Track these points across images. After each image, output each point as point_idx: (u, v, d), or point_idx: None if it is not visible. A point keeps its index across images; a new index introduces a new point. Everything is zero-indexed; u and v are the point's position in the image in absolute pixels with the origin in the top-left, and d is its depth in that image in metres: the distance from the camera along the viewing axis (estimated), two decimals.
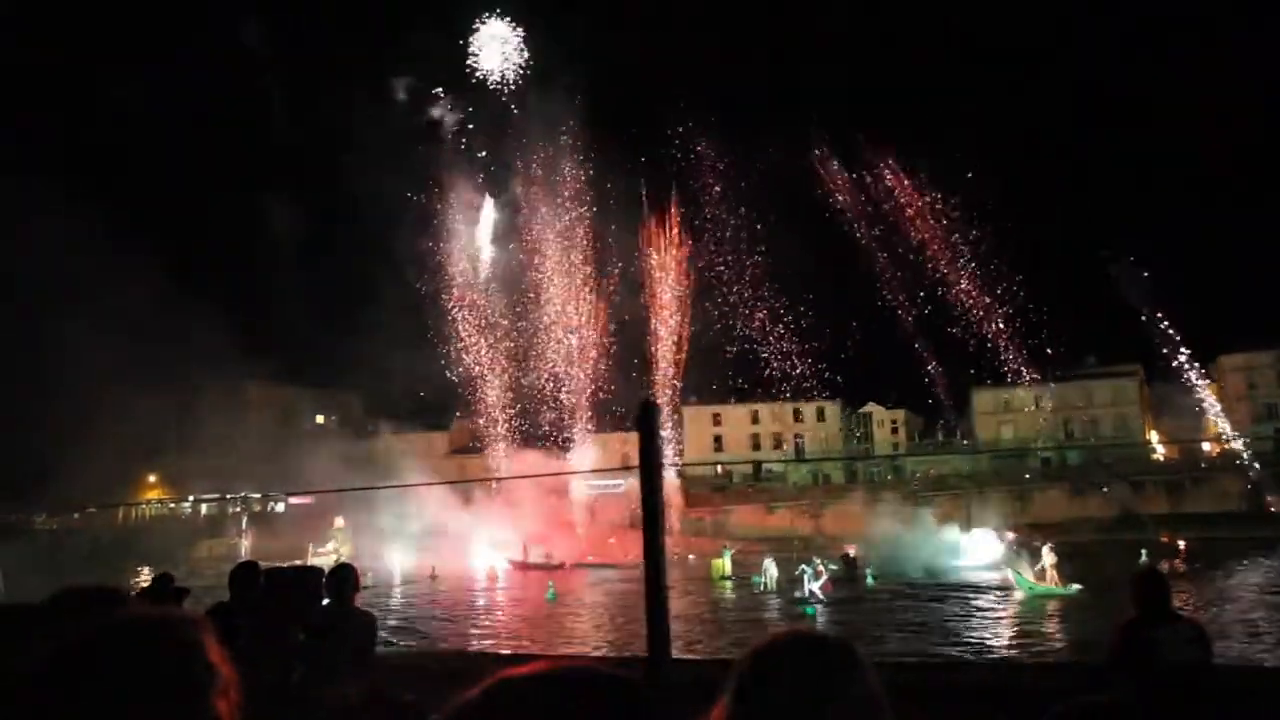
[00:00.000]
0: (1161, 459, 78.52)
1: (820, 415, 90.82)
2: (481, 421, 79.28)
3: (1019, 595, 32.32)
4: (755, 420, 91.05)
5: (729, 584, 40.61)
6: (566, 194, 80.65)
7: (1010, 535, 42.52)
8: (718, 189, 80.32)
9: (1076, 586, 31.25)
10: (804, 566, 33.64)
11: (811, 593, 32.12)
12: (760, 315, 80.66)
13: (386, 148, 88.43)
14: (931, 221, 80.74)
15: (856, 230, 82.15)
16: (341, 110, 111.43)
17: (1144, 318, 75.87)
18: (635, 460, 2.17)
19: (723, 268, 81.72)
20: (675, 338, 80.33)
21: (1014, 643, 24.62)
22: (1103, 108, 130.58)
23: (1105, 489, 69.01)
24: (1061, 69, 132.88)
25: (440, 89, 79.96)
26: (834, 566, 34.72)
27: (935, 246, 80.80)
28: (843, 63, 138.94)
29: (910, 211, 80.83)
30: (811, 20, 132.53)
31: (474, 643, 27.73)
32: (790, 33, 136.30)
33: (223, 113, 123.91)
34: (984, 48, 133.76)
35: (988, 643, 24.75)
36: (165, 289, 63.39)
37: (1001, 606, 30.91)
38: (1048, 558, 32.65)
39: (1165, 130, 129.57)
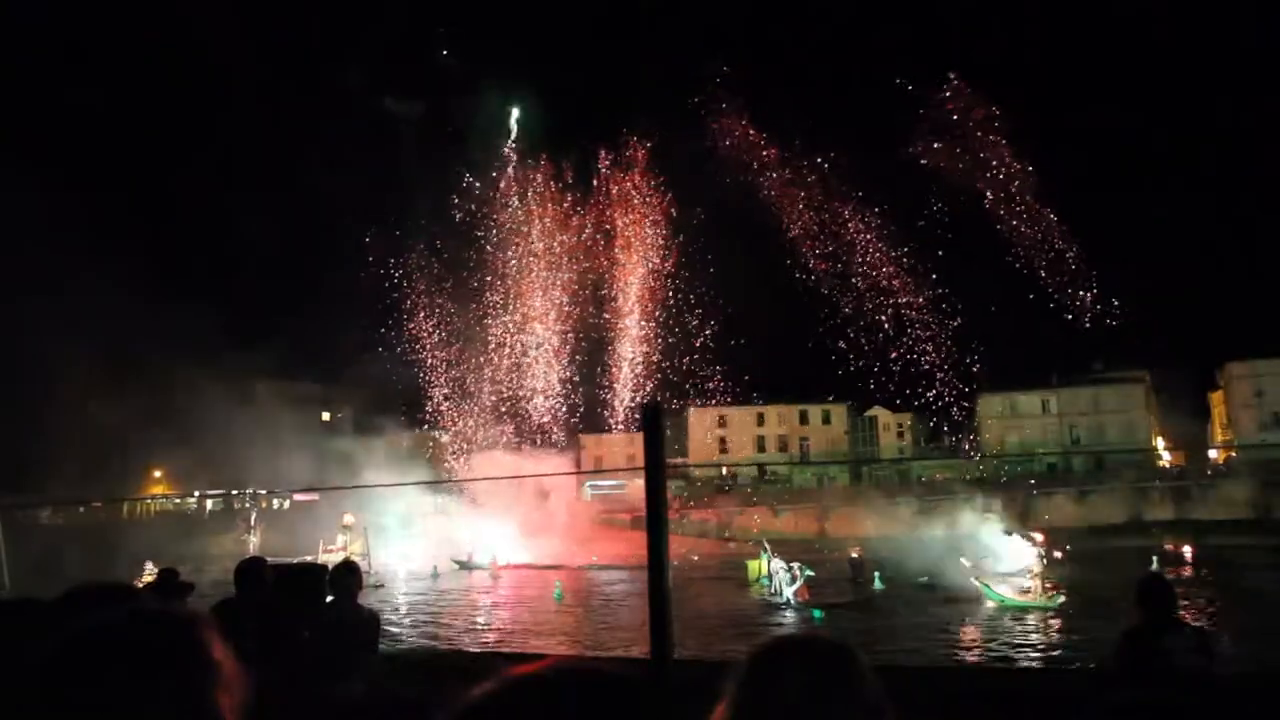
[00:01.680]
0: (1168, 465, 78.28)
1: (826, 418, 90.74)
2: (469, 424, 79.77)
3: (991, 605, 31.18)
4: (761, 422, 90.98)
5: (766, 586, 39.84)
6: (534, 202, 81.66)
7: (1038, 538, 41.90)
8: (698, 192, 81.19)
9: (1060, 599, 30.41)
10: (781, 570, 32.98)
11: (787, 600, 31.51)
12: (767, 319, 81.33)
13: (362, 149, 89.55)
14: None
15: (863, 237, 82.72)
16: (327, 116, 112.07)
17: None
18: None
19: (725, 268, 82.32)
20: (643, 345, 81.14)
21: (1019, 647, 24.56)
22: (1110, 107, 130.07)
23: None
24: (1063, 69, 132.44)
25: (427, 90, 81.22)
26: (811, 573, 34.05)
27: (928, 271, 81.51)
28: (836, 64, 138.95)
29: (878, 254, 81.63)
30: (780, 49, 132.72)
31: (477, 641, 27.76)
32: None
33: (217, 113, 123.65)
34: (985, 47, 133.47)
35: (991, 647, 24.69)
36: (162, 287, 63.82)
37: (1006, 611, 30.63)
38: (1036, 566, 31.66)
39: (1172, 131, 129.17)
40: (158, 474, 76.60)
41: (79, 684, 1.24)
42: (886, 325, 79.35)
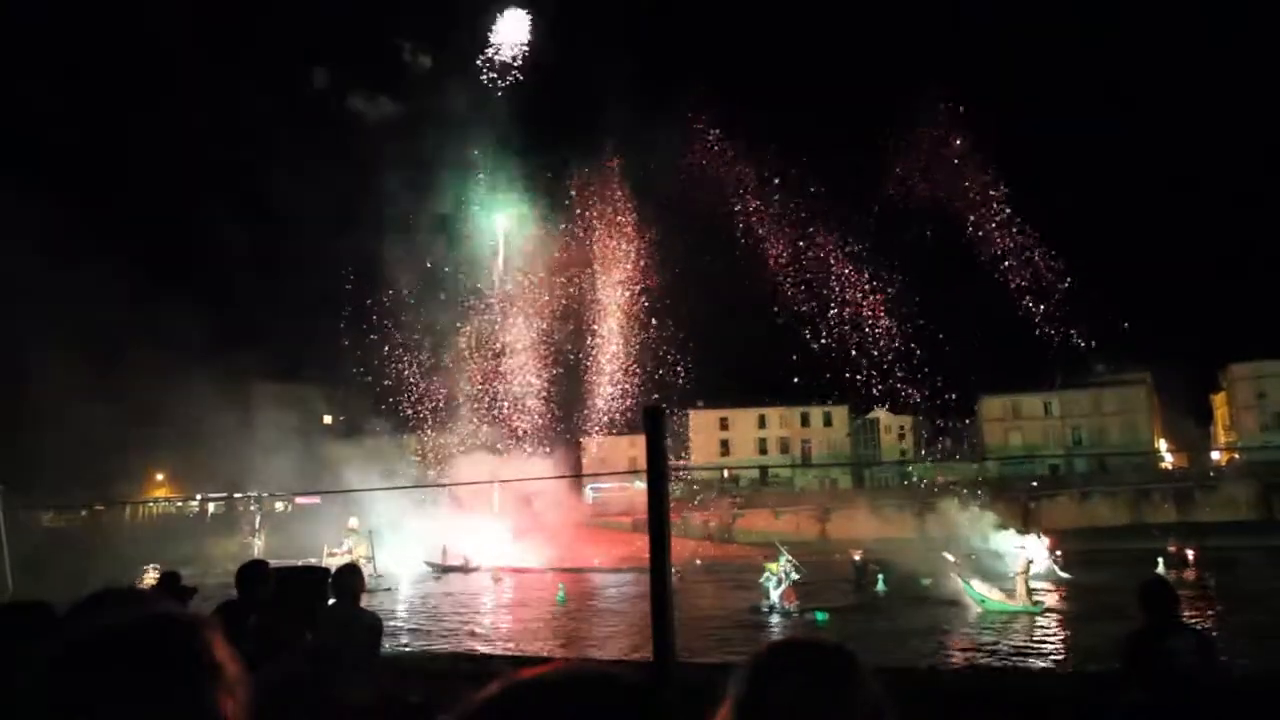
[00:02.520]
0: (1170, 467, 78.25)
1: (827, 420, 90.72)
2: (456, 427, 79.73)
3: (976, 609, 30.51)
4: (763, 424, 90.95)
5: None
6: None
7: (1047, 540, 41.61)
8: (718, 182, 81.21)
9: (1045, 603, 30.09)
10: (768, 573, 32.82)
11: (771, 606, 31.32)
12: (770, 319, 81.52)
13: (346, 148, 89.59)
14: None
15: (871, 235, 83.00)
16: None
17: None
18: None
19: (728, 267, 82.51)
20: (620, 356, 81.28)
21: (1021, 649, 24.53)
22: (1114, 106, 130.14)
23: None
24: (1059, 70, 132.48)
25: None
26: (795, 576, 33.89)
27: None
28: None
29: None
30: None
31: (480, 644, 27.76)
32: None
33: (220, 113, 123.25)
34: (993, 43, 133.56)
35: (993, 649, 24.66)
36: (158, 288, 63.81)
37: (991, 614, 30.27)
38: (1020, 574, 30.70)
39: (1174, 130, 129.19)
40: (160, 476, 76.74)
41: (83, 686, 1.24)
42: (865, 368, 79.88)
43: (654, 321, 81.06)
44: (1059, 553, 41.03)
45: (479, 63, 79.38)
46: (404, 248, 79.57)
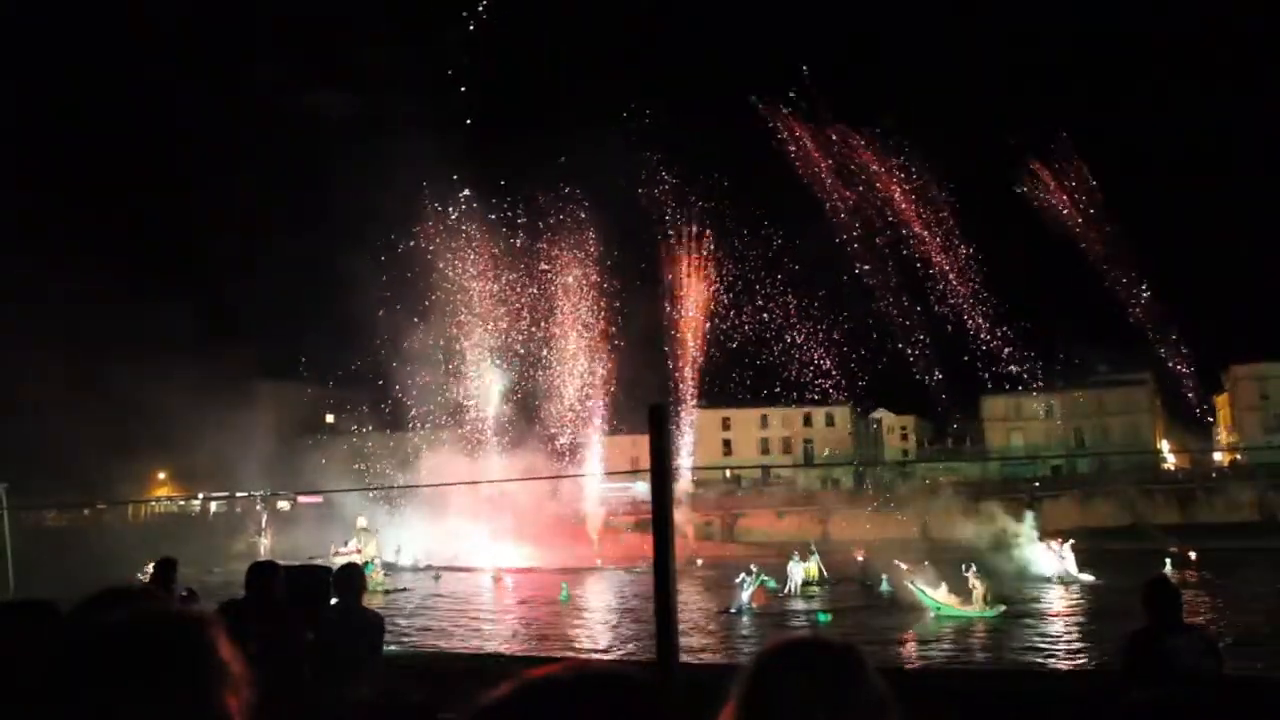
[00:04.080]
0: (1172, 468, 78.16)
1: (830, 420, 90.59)
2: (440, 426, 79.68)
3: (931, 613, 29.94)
4: (765, 424, 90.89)
5: (817, 589, 38.02)
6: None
7: (1055, 544, 41.37)
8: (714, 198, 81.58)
9: (1001, 608, 29.95)
10: (743, 575, 32.89)
11: (739, 608, 31.33)
12: (772, 319, 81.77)
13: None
14: (938, 228, 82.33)
15: (867, 236, 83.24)
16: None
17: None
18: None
19: (733, 273, 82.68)
20: (697, 343, 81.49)
21: (1024, 649, 24.54)
22: (1116, 106, 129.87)
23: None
24: (1065, 66, 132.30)
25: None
26: (766, 578, 33.85)
27: (944, 252, 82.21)
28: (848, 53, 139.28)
29: (917, 220, 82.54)
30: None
31: (482, 643, 27.77)
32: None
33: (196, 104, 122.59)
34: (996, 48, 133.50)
35: (995, 649, 24.67)
36: (160, 287, 63.70)
37: (964, 618, 29.96)
38: (974, 579, 30.20)
39: (1175, 129, 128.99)
40: (161, 476, 76.74)
41: (87, 685, 1.24)
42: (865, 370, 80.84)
43: (647, 319, 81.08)
44: (1068, 554, 40.86)
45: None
46: (390, 250, 79.08)
